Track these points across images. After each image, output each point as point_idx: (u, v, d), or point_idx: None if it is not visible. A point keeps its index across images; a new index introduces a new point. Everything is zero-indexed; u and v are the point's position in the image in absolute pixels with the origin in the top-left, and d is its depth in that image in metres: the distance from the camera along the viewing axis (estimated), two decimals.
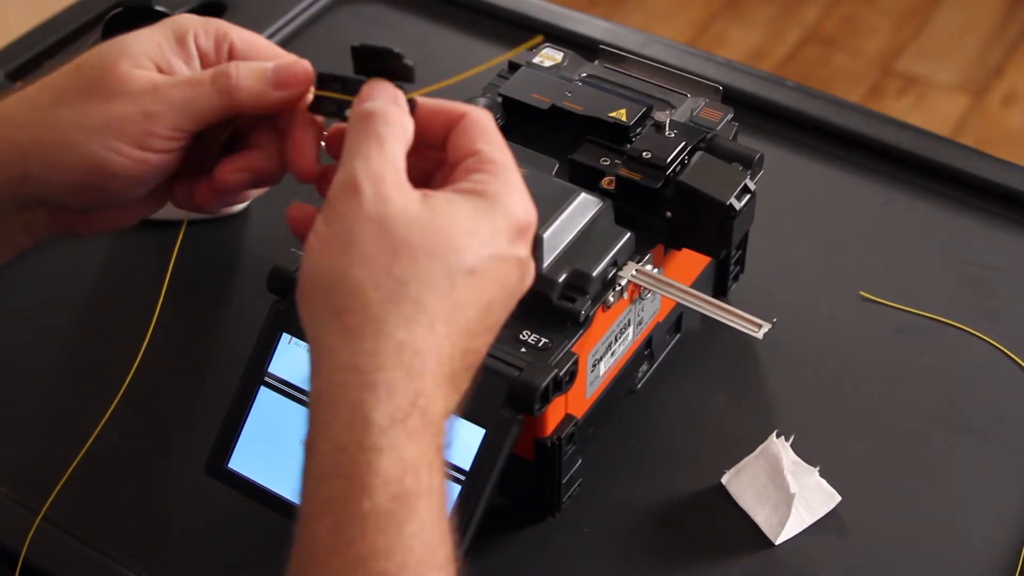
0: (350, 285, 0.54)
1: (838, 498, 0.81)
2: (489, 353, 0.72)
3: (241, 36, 0.65)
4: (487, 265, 0.56)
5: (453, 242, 0.56)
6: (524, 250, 0.59)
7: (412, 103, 0.61)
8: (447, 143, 0.61)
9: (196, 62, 0.64)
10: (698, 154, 0.80)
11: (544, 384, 0.71)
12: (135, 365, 0.88)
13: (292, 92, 0.63)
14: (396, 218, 0.55)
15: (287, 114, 0.64)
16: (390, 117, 0.58)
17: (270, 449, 0.76)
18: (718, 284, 0.92)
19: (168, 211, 0.98)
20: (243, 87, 0.62)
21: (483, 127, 0.60)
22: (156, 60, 0.62)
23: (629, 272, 0.77)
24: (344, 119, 0.61)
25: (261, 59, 0.65)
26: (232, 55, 0.65)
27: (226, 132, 0.65)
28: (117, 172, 0.61)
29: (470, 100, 0.85)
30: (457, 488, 0.72)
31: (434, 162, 0.62)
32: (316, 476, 0.54)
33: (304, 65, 0.63)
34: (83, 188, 0.62)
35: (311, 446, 0.55)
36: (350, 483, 0.53)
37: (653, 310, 0.84)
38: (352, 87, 0.62)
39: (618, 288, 0.76)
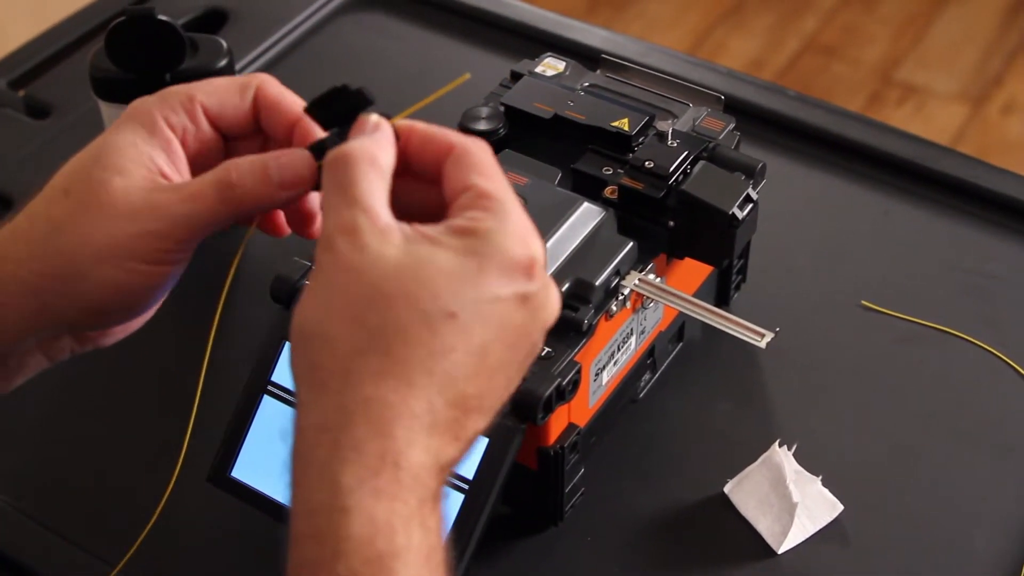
0: (323, 338, 0.53)
1: (840, 507, 0.81)
2: None
3: (206, 92, 0.63)
4: (473, 308, 0.54)
5: (431, 287, 0.53)
6: (528, 285, 0.55)
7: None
8: (441, 177, 0.58)
9: (175, 144, 0.61)
10: (700, 163, 0.80)
11: (547, 393, 0.71)
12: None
13: (302, 190, 0.60)
14: (371, 267, 0.53)
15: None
16: (354, 157, 0.55)
17: (273, 458, 0.76)
18: (720, 293, 0.92)
19: None
20: (249, 194, 0.60)
21: (476, 159, 0.57)
22: (143, 165, 0.60)
23: (632, 281, 0.77)
24: None
25: (230, 104, 0.62)
26: (207, 114, 0.62)
27: None
28: (135, 288, 0.60)
29: (472, 109, 0.85)
30: (460, 497, 0.72)
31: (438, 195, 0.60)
32: (294, 536, 0.53)
33: (304, 158, 0.60)
34: (102, 310, 0.60)
35: (291, 505, 0.54)
36: (322, 547, 0.52)
37: (655, 319, 0.84)
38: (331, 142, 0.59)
39: (621, 297, 0.76)
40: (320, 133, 0.61)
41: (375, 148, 0.56)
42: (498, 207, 0.56)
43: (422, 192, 0.59)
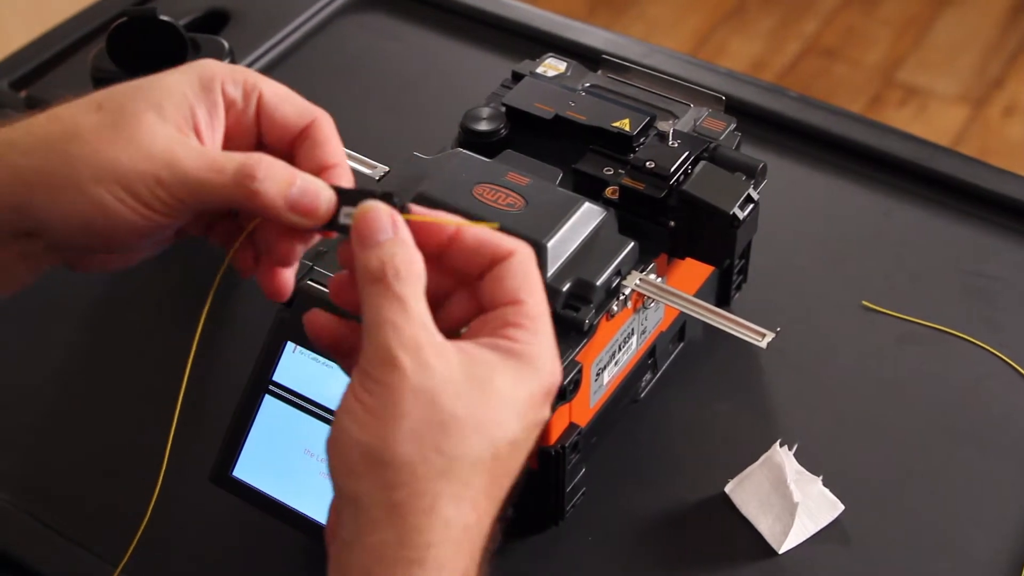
0: (398, 460, 0.53)
1: (841, 507, 0.81)
2: None
3: (272, 89, 0.62)
4: (525, 435, 0.56)
5: (497, 415, 0.54)
6: (547, 411, 0.57)
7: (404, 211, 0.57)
8: (484, 281, 0.57)
9: (221, 110, 0.61)
10: (701, 164, 0.80)
11: None
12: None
13: (306, 223, 0.59)
14: (442, 390, 0.53)
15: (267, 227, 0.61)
16: (403, 269, 0.55)
17: (275, 458, 0.76)
18: (721, 293, 0.92)
19: None
20: (261, 196, 0.58)
21: (528, 272, 0.57)
22: (182, 113, 0.60)
23: (633, 281, 0.77)
24: (339, 228, 0.58)
25: (291, 115, 0.62)
26: (260, 107, 0.62)
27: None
28: (120, 222, 0.59)
29: (473, 109, 0.85)
30: None
31: (452, 281, 0.59)
32: None
33: (327, 194, 0.59)
34: (84, 228, 0.59)
35: None
36: None
37: (656, 319, 0.84)
38: (352, 198, 0.58)
39: (622, 297, 0.77)
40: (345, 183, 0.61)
41: (418, 259, 0.56)
42: (542, 328, 0.57)
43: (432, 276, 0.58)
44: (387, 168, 0.82)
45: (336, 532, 0.55)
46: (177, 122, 0.60)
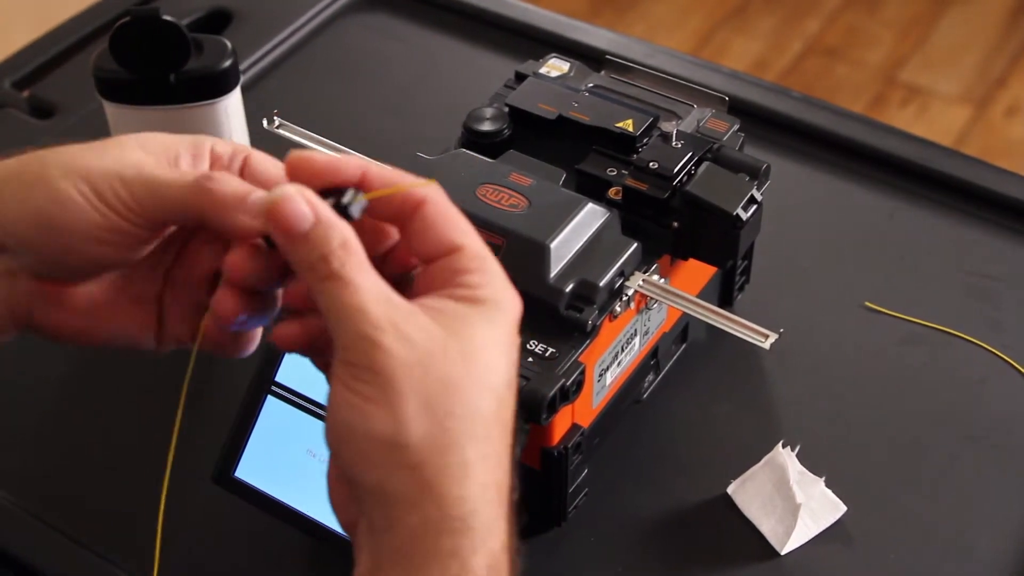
0: (416, 439, 0.52)
1: (844, 508, 0.81)
2: None
3: (259, 157, 0.61)
4: (512, 372, 0.55)
5: (487, 363, 0.54)
6: (519, 339, 0.57)
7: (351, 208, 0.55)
8: (409, 233, 0.56)
9: (206, 161, 0.60)
10: (705, 164, 0.80)
11: (551, 394, 0.71)
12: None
13: (256, 224, 0.57)
14: (431, 357, 0.53)
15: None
16: (340, 252, 0.53)
17: (277, 458, 0.76)
18: (724, 294, 0.92)
19: None
20: (219, 200, 0.57)
21: (448, 215, 0.56)
22: (165, 152, 0.60)
23: (636, 282, 0.77)
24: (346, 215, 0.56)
25: (268, 178, 0.60)
26: (246, 164, 0.61)
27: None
28: (78, 215, 0.58)
29: (476, 110, 0.85)
30: None
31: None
32: None
33: (278, 169, 0.59)
34: (39, 221, 0.58)
35: None
36: None
37: (659, 320, 0.84)
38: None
39: (625, 298, 0.77)
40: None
41: (352, 237, 0.54)
42: (491, 268, 0.56)
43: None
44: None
45: (359, 523, 0.55)
46: (157, 155, 0.59)
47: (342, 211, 0.55)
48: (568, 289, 0.74)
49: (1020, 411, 0.87)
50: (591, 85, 0.87)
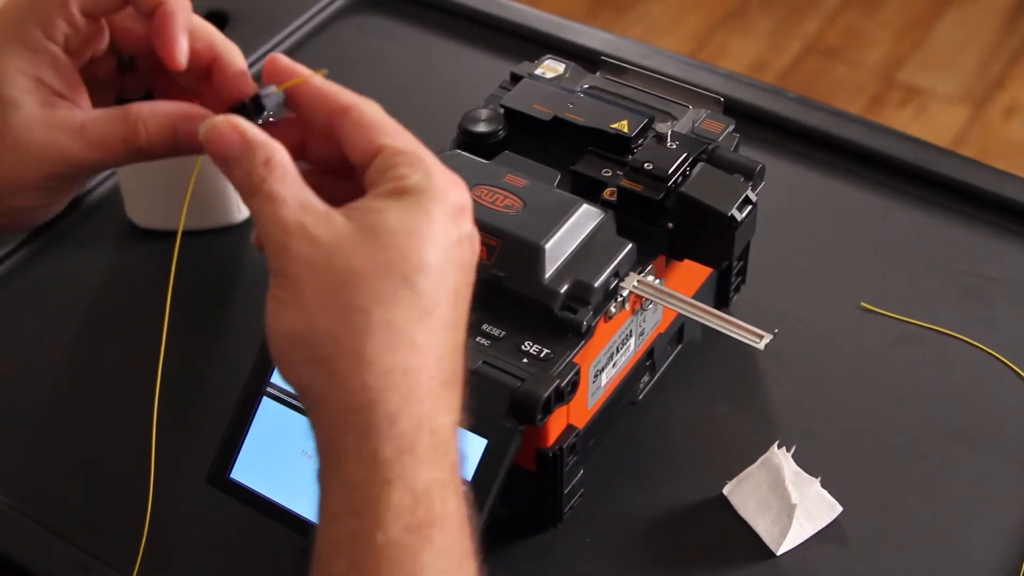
0: (318, 333, 0.54)
1: (839, 508, 0.81)
2: (491, 364, 0.73)
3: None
4: (439, 256, 0.55)
5: (397, 251, 0.54)
6: (468, 225, 0.58)
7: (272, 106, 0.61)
8: (341, 142, 0.59)
9: (62, 58, 0.62)
10: (700, 165, 0.80)
11: (546, 395, 0.71)
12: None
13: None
14: (335, 253, 0.54)
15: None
16: (262, 170, 0.56)
17: (272, 459, 0.76)
18: (719, 295, 0.92)
19: (164, 220, 0.98)
20: (155, 151, 0.62)
21: (376, 120, 0.58)
22: (34, 92, 0.62)
23: (631, 283, 0.77)
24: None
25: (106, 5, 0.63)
26: (83, 10, 0.63)
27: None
28: (29, 208, 0.62)
29: (471, 111, 0.85)
30: None
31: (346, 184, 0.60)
32: (329, 515, 0.55)
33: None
34: None
35: (323, 488, 0.55)
36: (362, 520, 0.53)
37: (655, 321, 0.84)
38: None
39: (620, 299, 0.77)
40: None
41: (273, 147, 0.57)
42: (417, 161, 0.57)
43: (331, 184, 0.60)
44: None
45: None
46: (36, 103, 0.61)
47: (258, 104, 0.61)
48: (563, 290, 0.74)
49: (1015, 411, 0.87)
50: (586, 86, 0.87)
